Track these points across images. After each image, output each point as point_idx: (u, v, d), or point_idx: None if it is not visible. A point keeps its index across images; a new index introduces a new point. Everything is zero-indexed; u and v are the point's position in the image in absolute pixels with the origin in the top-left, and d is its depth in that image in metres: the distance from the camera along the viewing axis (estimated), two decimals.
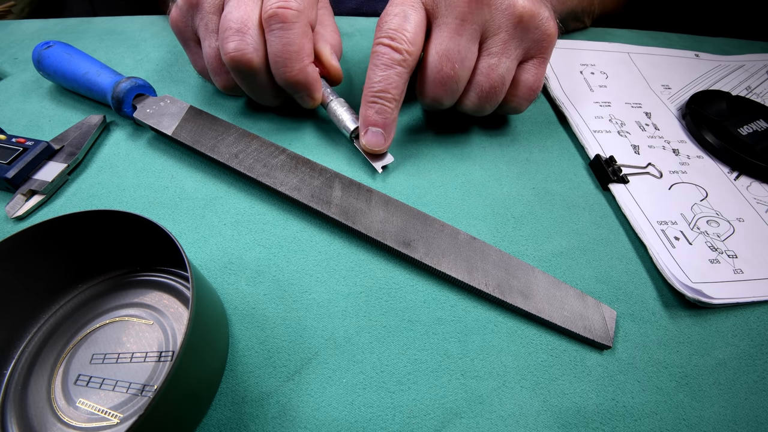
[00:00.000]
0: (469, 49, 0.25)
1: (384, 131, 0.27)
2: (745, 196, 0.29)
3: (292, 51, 0.26)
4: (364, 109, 0.27)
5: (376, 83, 0.26)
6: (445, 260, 0.23)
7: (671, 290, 0.24)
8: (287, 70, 0.26)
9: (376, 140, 0.27)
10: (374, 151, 0.27)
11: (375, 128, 0.27)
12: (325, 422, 0.19)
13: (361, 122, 0.27)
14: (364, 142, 0.27)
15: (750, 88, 0.38)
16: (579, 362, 0.21)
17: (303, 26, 0.26)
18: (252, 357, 0.21)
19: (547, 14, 0.26)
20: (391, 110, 0.26)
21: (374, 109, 0.26)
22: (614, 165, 0.29)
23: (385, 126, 0.27)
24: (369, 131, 0.27)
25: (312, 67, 0.27)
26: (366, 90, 0.26)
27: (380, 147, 0.27)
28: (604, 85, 0.37)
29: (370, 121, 0.27)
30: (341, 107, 0.29)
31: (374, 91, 0.26)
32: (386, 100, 0.26)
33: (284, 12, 0.25)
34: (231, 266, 0.24)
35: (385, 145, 0.27)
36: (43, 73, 0.32)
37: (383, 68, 0.25)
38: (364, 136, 0.27)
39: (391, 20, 0.25)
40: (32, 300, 0.21)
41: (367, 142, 0.27)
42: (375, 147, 0.27)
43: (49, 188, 0.26)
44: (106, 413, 0.18)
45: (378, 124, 0.27)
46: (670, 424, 0.20)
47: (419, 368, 0.21)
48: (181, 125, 0.29)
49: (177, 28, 0.30)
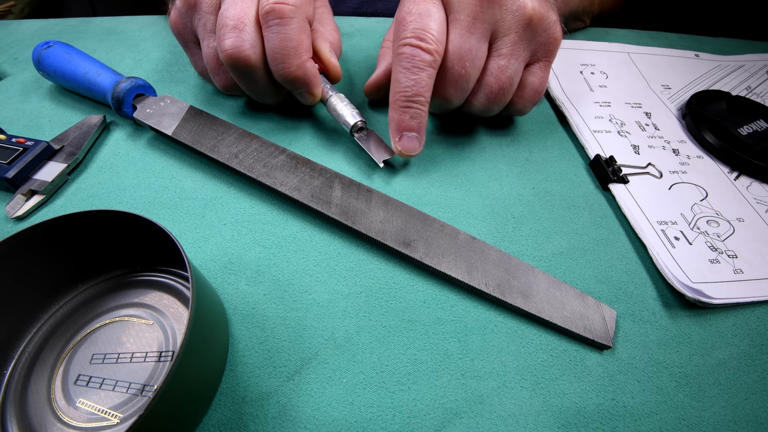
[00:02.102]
0: (479, 48, 0.25)
1: (419, 135, 0.27)
2: (745, 196, 0.29)
3: (290, 47, 0.25)
4: (397, 114, 0.26)
5: (409, 87, 0.25)
6: (445, 260, 0.23)
7: (671, 290, 0.24)
8: (285, 66, 0.26)
9: (412, 145, 0.27)
10: (410, 155, 0.27)
11: (411, 133, 0.26)
12: (325, 422, 0.19)
13: (394, 127, 0.27)
14: (400, 147, 0.27)
15: (750, 88, 0.38)
16: (579, 362, 0.21)
17: (300, 22, 0.25)
18: (252, 357, 0.21)
19: (554, 18, 0.26)
20: (424, 113, 0.26)
21: (409, 114, 0.26)
22: (614, 165, 0.29)
23: (420, 130, 0.26)
24: (404, 136, 0.26)
25: (311, 62, 0.27)
26: (397, 94, 0.26)
27: (416, 151, 0.27)
28: (604, 85, 0.37)
29: (406, 126, 0.26)
30: (341, 102, 0.29)
31: (408, 95, 0.25)
32: (420, 104, 0.25)
33: (281, 8, 0.24)
34: (231, 266, 0.24)
35: (420, 148, 0.27)
36: (43, 73, 0.32)
37: (415, 71, 0.24)
38: (400, 142, 0.27)
39: (415, 19, 0.24)
40: (32, 300, 0.21)
41: (403, 147, 0.27)
42: (412, 152, 0.27)
43: (49, 188, 0.26)
44: (106, 413, 0.18)
45: (414, 129, 0.26)
46: (670, 424, 0.20)
47: (419, 368, 0.21)
48: (181, 125, 0.29)
49: (177, 30, 0.29)
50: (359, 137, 0.28)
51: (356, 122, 0.28)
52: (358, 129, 0.28)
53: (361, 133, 0.29)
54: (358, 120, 0.28)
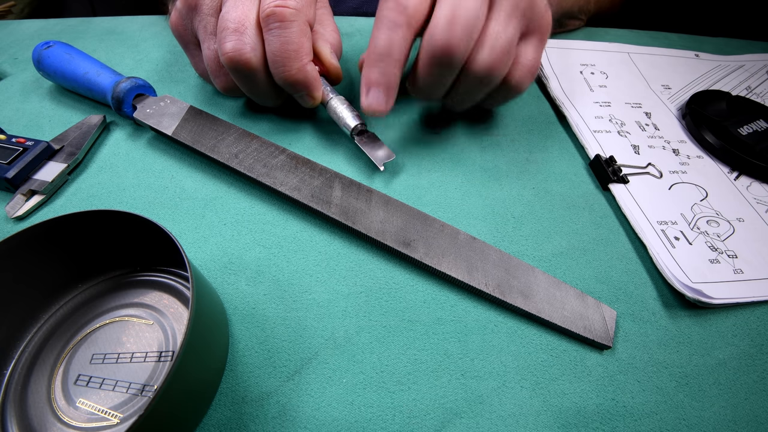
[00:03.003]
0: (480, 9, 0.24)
1: (386, 92, 0.26)
2: (745, 196, 0.29)
3: (291, 50, 0.25)
4: (367, 71, 0.26)
5: (381, 45, 0.25)
6: (445, 260, 0.23)
7: (671, 290, 0.24)
8: (286, 69, 0.26)
9: (377, 100, 0.26)
10: (375, 112, 0.26)
11: (377, 88, 0.26)
12: (325, 422, 0.19)
13: (363, 83, 0.26)
14: (365, 104, 0.26)
15: (750, 88, 0.38)
16: (579, 362, 0.21)
17: (301, 25, 0.25)
18: (252, 357, 0.21)
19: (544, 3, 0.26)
20: (394, 73, 0.25)
21: (378, 69, 0.25)
22: (614, 165, 0.29)
23: (388, 87, 0.26)
24: (371, 91, 0.26)
25: (311, 65, 0.27)
26: (370, 51, 0.25)
27: (381, 108, 0.26)
28: (604, 85, 0.37)
29: (373, 81, 0.26)
30: (341, 105, 0.29)
31: (378, 52, 0.25)
32: (390, 61, 0.25)
33: (282, 11, 0.24)
34: (231, 266, 0.24)
35: (386, 107, 0.26)
36: (43, 73, 0.32)
37: (389, 31, 0.24)
38: (366, 97, 0.26)
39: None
40: (32, 300, 0.21)
41: (368, 103, 0.26)
42: (376, 108, 0.26)
43: (49, 188, 0.26)
44: (106, 413, 0.18)
45: (381, 85, 0.26)
46: (670, 424, 0.20)
47: (419, 368, 0.21)
48: (181, 125, 0.29)
49: (177, 31, 0.29)
50: (360, 140, 0.28)
51: (356, 125, 0.28)
52: (358, 132, 0.28)
53: (361, 135, 0.28)
54: (358, 123, 0.28)
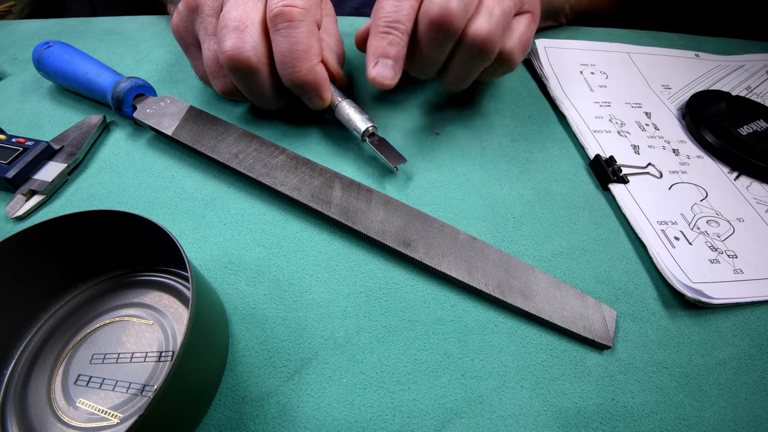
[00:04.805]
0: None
1: (394, 64, 0.26)
2: (745, 196, 0.29)
3: (300, 50, 0.25)
4: (376, 40, 0.25)
5: (391, 13, 0.24)
6: (445, 260, 0.23)
7: (671, 290, 0.24)
8: (296, 70, 0.25)
9: (387, 72, 0.25)
10: (383, 84, 0.26)
11: (386, 60, 0.25)
12: (325, 422, 0.19)
13: (371, 52, 0.26)
14: (374, 74, 0.26)
15: (750, 88, 0.38)
16: (579, 362, 0.21)
17: (310, 25, 0.25)
18: (252, 357, 0.21)
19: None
20: (403, 43, 0.25)
21: (387, 40, 0.25)
22: (614, 165, 0.29)
23: (397, 59, 0.25)
24: (380, 63, 0.25)
25: (320, 66, 0.27)
26: (377, 20, 0.25)
27: (390, 80, 0.26)
28: (604, 85, 0.37)
29: (382, 52, 0.25)
30: (351, 107, 0.28)
31: (388, 20, 0.24)
32: (399, 31, 0.25)
33: (290, 10, 0.24)
34: (231, 266, 0.24)
35: (394, 79, 0.26)
36: (43, 73, 0.32)
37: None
38: (374, 68, 0.25)
39: None
40: (32, 300, 0.21)
41: (377, 74, 0.25)
42: (385, 80, 0.25)
43: (49, 188, 0.26)
44: (106, 413, 0.18)
45: (390, 56, 0.25)
46: (670, 424, 0.20)
47: (419, 368, 0.21)
48: (181, 125, 0.29)
49: (178, 33, 0.29)
50: (372, 142, 0.28)
51: (368, 127, 0.28)
52: (369, 134, 0.28)
53: (372, 138, 0.28)
54: (369, 125, 0.28)
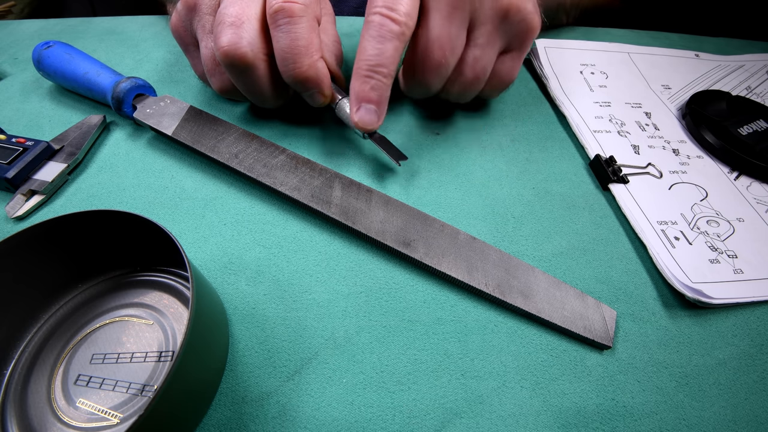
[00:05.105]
0: (458, 37, 0.25)
1: (378, 109, 0.26)
2: (745, 196, 0.29)
3: (301, 46, 0.25)
4: (358, 83, 0.25)
5: (373, 56, 0.24)
6: (445, 260, 0.23)
7: (671, 290, 0.24)
8: (297, 66, 0.25)
9: (369, 118, 0.26)
10: (367, 129, 0.26)
11: (369, 105, 0.25)
12: (325, 422, 0.19)
13: (353, 97, 0.26)
14: (356, 119, 0.26)
15: (750, 88, 0.38)
16: (579, 362, 0.21)
17: (310, 20, 0.25)
18: (252, 357, 0.21)
19: (531, 8, 0.26)
20: (386, 86, 0.25)
21: (369, 85, 0.25)
22: (614, 165, 0.29)
23: (380, 103, 0.26)
24: (362, 108, 0.26)
25: (321, 62, 0.26)
26: (361, 62, 0.25)
27: (373, 125, 0.26)
28: (604, 85, 0.37)
29: (365, 97, 0.25)
30: None
31: (371, 64, 0.24)
32: (382, 75, 0.25)
33: (291, 6, 0.24)
34: (231, 266, 0.24)
35: (378, 122, 0.26)
36: (43, 73, 0.32)
37: (380, 40, 0.24)
38: (357, 113, 0.26)
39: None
40: (32, 300, 0.21)
41: (360, 119, 0.26)
42: (368, 126, 0.26)
43: (49, 188, 0.26)
44: (106, 413, 0.18)
45: (372, 101, 0.25)
46: (670, 424, 0.20)
47: (419, 368, 0.21)
48: (181, 125, 0.29)
49: (177, 33, 0.29)
50: (374, 139, 0.28)
51: None
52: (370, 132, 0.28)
53: (374, 135, 0.28)
54: None
